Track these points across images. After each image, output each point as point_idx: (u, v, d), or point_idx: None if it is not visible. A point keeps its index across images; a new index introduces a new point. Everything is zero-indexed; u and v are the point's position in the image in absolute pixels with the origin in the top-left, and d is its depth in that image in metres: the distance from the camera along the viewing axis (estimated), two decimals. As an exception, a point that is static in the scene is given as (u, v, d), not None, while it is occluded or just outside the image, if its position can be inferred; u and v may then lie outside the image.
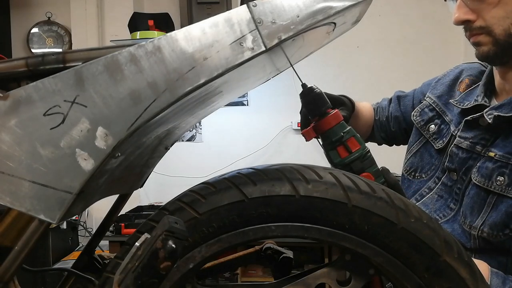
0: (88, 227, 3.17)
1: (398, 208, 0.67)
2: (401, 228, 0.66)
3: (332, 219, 0.67)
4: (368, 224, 0.67)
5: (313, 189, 0.67)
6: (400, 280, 0.68)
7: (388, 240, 0.67)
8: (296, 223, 0.68)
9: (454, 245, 0.68)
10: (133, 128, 0.58)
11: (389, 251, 0.67)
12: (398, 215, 0.66)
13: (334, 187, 0.67)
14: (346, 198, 0.66)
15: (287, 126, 3.29)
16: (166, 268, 0.54)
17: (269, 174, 0.69)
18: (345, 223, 0.67)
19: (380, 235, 0.67)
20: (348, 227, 0.67)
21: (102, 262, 0.95)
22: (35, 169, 0.59)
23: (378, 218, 0.66)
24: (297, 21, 0.57)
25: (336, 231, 0.67)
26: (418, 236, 0.66)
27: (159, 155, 0.91)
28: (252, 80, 0.81)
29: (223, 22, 0.57)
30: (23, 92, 0.59)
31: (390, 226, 0.66)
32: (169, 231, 0.54)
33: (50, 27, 3.43)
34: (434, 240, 0.66)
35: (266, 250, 1.02)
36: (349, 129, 0.82)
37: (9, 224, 0.75)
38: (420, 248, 0.66)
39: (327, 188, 0.67)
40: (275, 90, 3.23)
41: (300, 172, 0.68)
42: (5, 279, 0.67)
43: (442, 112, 1.21)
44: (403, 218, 0.66)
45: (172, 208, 0.69)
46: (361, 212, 0.66)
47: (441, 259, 0.66)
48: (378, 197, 0.67)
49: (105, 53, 0.59)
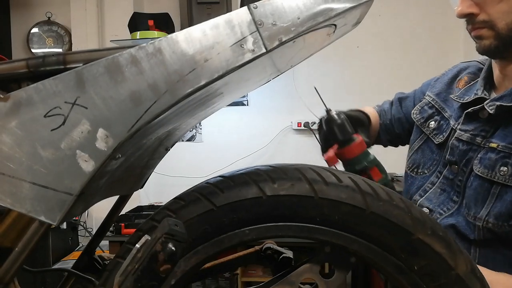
0: (88, 227, 3.17)
1: (366, 193, 0.68)
2: (371, 213, 0.67)
3: (302, 214, 0.68)
4: (338, 214, 0.67)
5: (279, 187, 0.68)
6: (380, 264, 0.69)
7: (360, 226, 0.68)
8: (268, 224, 0.68)
9: (427, 222, 0.68)
10: (133, 130, 0.58)
11: (363, 237, 0.68)
12: (366, 201, 0.67)
13: (300, 183, 0.68)
14: (312, 191, 0.67)
15: (287, 126, 3.29)
16: (165, 271, 0.54)
17: (236, 179, 0.70)
18: (316, 216, 0.68)
19: (351, 223, 0.68)
20: (319, 220, 0.68)
21: (102, 263, 0.95)
22: (36, 170, 0.59)
23: (347, 206, 0.67)
24: (298, 23, 0.57)
25: (308, 226, 0.68)
26: (388, 218, 0.67)
27: (159, 156, 0.91)
28: (253, 82, 0.81)
29: (223, 23, 0.57)
30: (24, 94, 0.59)
31: (359, 212, 0.67)
32: (169, 234, 0.54)
33: (50, 27, 3.43)
34: (405, 219, 0.67)
35: (266, 250, 1.03)
36: (372, 158, 0.83)
37: (9, 225, 0.75)
38: (392, 230, 0.67)
39: (292, 185, 0.68)
40: (275, 90, 3.23)
41: (267, 173, 0.69)
42: (5, 280, 0.67)
43: (441, 109, 1.22)
44: (371, 203, 0.67)
45: (146, 227, 0.70)
46: (329, 203, 0.67)
47: (414, 238, 0.67)
48: (344, 185, 0.68)
49: (105, 54, 0.59)
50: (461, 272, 0.67)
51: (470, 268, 0.68)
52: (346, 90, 3.21)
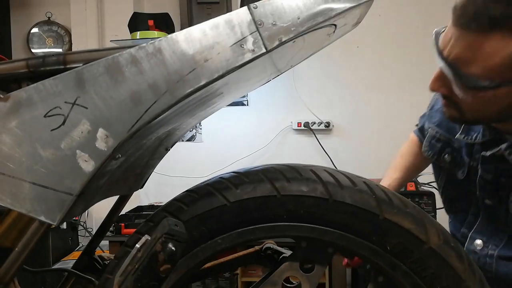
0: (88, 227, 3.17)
1: (327, 183, 0.68)
2: (334, 201, 0.68)
3: (269, 214, 0.69)
4: (303, 208, 0.68)
5: (242, 192, 0.69)
6: (356, 250, 0.69)
7: (327, 216, 0.68)
8: (239, 229, 0.69)
9: (393, 200, 0.69)
10: (133, 130, 0.58)
11: (334, 226, 0.69)
12: (327, 190, 0.68)
13: (262, 184, 0.69)
14: (275, 190, 0.68)
15: (287, 126, 3.28)
16: (165, 271, 0.54)
17: (200, 191, 0.71)
18: (282, 214, 0.69)
19: (318, 214, 0.68)
20: (286, 217, 0.69)
21: (102, 263, 0.95)
22: (36, 170, 0.59)
23: (309, 199, 0.68)
24: (298, 23, 0.57)
25: (278, 224, 0.69)
26: (352, 204, 0.68)
27: (159, 156, 0.91)
28: (253, 82, 0.81)
29: (223, 23, 0.57)
30: (24, 94, 0.59)
31: (323, 202, 0.68)
32: (169, 234, 0.54)
33: (50, 27, 3.43)
34: (369, 202, 0.68)
35: (266, 250, 1.03)
36: None
37: (9, 225, 0.75)
38: (358, 214, 0.68)
39: (255, 187, 0.69)
40: (275, 90, 3.23)
41: (229, 180, 0.71)
42: (5, 280, 0.67)
43: (449, 140, 1.16)
44: (333, 191, 0.68)
45: (120, 254, 0.71)
46: (292, 198, 0.68)
47: (381, 218, 0.67)
48: (305, 178, 0.69)
49: (105, 54, 0.59)
50: (433, 244, 0.68)
51: (443, 239, 0.69)
52: (346, 90, 3.21)
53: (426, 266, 0.68)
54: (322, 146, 3.19)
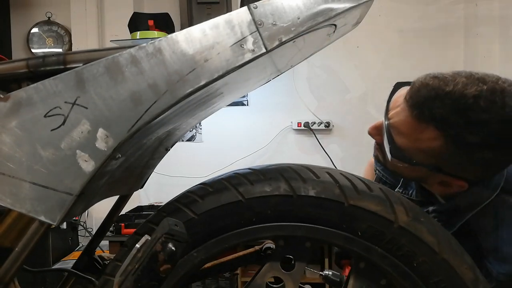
0: (88, 227, 3.17)
1: (289, 179, 0.69)
2: (298, 197, 0.69)
3: (239, 220, 0.70)
4: (269, 208, 0.69)
5: (208, 202, 0.70)
6: (330, 240, 0.70)
7: (295, 212, 0.69)
8: (213, 239, 0.70)
9: (357, 185, 0.70)
10: (133, 130, 0.58)
11: (304, 221, 0.70)
12: (291, 187, 0.69)
13: (226, 191, 0.70)
14: (240, 195, 0.69)
15: (287, 126, 3.29)
16: (165, 271, 0.54)
17: (167, 208, 0.72)
18: (251, 217, 0.70)
19: (285, 211, 0.69)
20: (255, 220, 0.70)
21: (102, 263, 0.95)
22: (36, 170, 0.59)
23: (275, 198, 0.69)
24: (298, 23, 0.57)
25: (249, 228, 0.70)
26: (317, 196, 0.69)
27: (159, 156, 0.91)
28: (253, 82, 0.81)
29: (223, 23, 0.57)
30: (24, 94, 0.59)
31: (288, 200, 0.69)
32: (169, 234, 0.54)
33: (50, 27, 3.43)
34: (332, 191, 0.69)
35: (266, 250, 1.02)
36: None
37: (9, 225, 0.75)
38: (324, 206, 0.69)
39: (219, 195, 0.70)
40: (275, 90, 3.23)
41: (195, 193, 0.72)
42: (5, 280, 0.67)
43: (395, 185, 1.20)
44: (296, 187, 0.69)
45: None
46: (257, 200, 0.69)
47: (346, 205, 0.68)
48: (268, 179, 0.70)
49: (105, 54, 0.59)
50: (402, 222, 0.68)
51: (412, 216, 0.69)
52: (347, 90, 3.21)
53: (400, 245, 0.69)
54: (322, 146, 3.19)
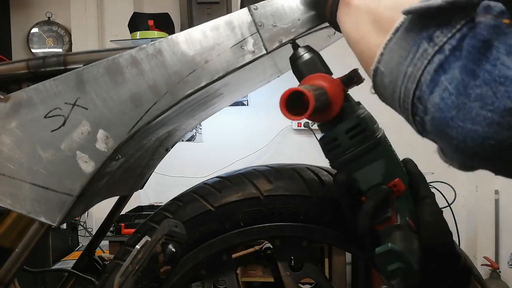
0: (88, 227, 3.17)
1: (256, 181, 0.71)
2: (265, 197, 0.70)
3: (212, 229, 0.71)
4: (238, 213, 0.70)
5: (183, 215, 0.71)
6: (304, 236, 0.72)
7: (263, 212, 0.71)
8: (201, 245, 0.72)
9: (319, 175, 0.71)
10: (133, 131, 0.58)
11: (274, 220, 0.71)
12: (258, 188, 0.70)
13: (195, 202, 0.71)
14: (208, 205, 0.71)
15: (287, 126, 3.28)
16: (166, 272, 0.54)
17: (142, 229, 0.74)
18: (224, 223, 0.71)
19: (252, 213, 0.71)
20: (228, 227, 0.71)
21: (102, 263, 0.95)
22: (36, 171, 0.59)
23: (243, 202, 0.70)
24: (298, 24, 0.57)
25: (226, 235, 0.71)
26: (281, 194, 0.70)
27: (159, 157, 0.91)
28: (253, 83, 0.81)
29: (224, 25, 0.57)
30: (24, 94, 0.59)
31: (253, 201, 0.70)
32: (169, 235, 0.54)
33: (50, 27, 3.42)
34: (296, 184, 0.70)
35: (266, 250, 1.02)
36: None
37: (9, 225, 0.75)
38: (290, 200, 0.70)
39: (191, 208, 0.71)
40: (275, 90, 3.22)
41: (165, 209, 0.73)
42: (5, 281, 0.67)
43: None
44: (263, 188, 0.70)
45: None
46: (224, 208, 0.70)
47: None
48: (235, 184, 0.71)
49: (106, 55, 0.59)
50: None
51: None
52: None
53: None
54: (322, 146, 3.19)
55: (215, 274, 0.75)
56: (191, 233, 0.71)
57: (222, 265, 0.75)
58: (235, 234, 0.72)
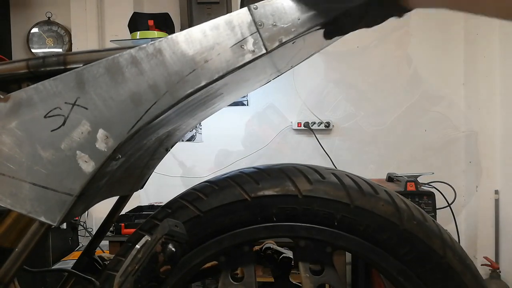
0: (88, 227, 3.17)
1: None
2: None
3: (235, 216, 0.71)
4: (272, 208, 0.71)
5: (216, 198, 0.71)
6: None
7: (297, 211, 0.71)
8: (228, 233, 0.72)
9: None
10: (133, 131, 0.58)
11: (306, 221, 0.71)
12: (295, 186, 0.70)
13: (230, 188, 0.71)
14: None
15: (287, 126, 3.28)
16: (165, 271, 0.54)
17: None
18: (257, 216, 0.71)
19: (287, 210, 0.71)
20: (260, 219, 0.71)
21: (102, 263, 0.95)
22: (36, 171, 0.59)
23: (276, 197, 0.70)
24: (298, 24, 0.57)
25: (249, 229, 0.72)
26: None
27: (159, 157, 0.91)
28: (253, 82, 0.81)
29: (224, 24, 0.57)
30: (24, 94, 0.59)
31: (290, 198, 0.70)
32: (169, 235, 0.54)
33: (50, 27, 3.43)
34: (337, 190, 0.70)
35: (266, 250, 1.02)
36: None
37: (9, 225, 0.75)
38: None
39: (221, 191, 0.71)
40: (275, 90, 3.23)
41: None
42: (5, 281, 0.67)
43: None
44: (301, 187, 0.71)
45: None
46: (261, 200, 0.70)
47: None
48: (271, 177, 0.71)
49: (106, 55, 0.59)
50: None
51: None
52: (347, 90, 3.21)
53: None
54: (322, 146, 3.19)
55: (234, 264, 0.75)
56: (221, 219, 0.71)
57: (242, 256, 0.75)
58: (263, 228, 0.72)
